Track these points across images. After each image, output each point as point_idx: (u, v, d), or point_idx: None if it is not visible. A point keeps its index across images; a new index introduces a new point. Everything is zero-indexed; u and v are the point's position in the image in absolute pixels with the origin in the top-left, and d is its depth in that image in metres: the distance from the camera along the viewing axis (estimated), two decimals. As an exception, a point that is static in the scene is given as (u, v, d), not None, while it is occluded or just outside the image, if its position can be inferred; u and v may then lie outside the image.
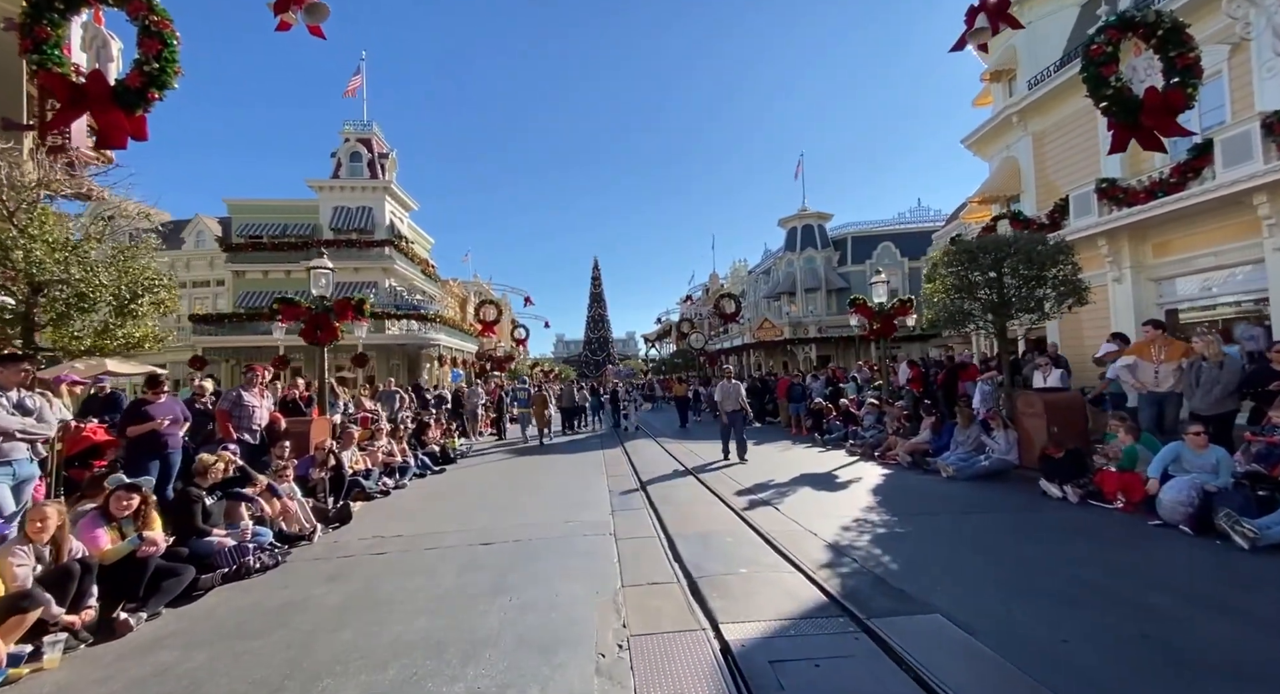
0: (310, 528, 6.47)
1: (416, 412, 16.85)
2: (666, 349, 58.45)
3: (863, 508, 6.89)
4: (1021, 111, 14.09)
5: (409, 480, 10.05)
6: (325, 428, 8.36)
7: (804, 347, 28.94)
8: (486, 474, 10.85)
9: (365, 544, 6.10)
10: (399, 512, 7.71)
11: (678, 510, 7.02)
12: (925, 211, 29.93)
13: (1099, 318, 12.10)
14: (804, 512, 6.67)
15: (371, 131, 26.58)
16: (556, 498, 8.12)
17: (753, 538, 5.66)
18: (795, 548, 5.18)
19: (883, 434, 11.61)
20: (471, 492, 9.00)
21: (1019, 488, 7.76)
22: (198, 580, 4.75)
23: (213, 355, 22.73)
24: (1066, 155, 13.29)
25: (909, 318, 12.96)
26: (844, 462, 10.57)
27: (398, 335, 24.05)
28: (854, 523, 6.14)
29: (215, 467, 5.51)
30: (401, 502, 8.43)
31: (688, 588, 4.38)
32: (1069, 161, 13.21)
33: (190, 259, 26.49)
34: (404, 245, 26.92)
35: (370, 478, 9.05)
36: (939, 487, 8.16)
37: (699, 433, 16.93)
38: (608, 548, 5.56)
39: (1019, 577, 4.44)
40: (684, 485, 8.70)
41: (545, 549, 5.60)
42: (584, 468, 10.94)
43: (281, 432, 7.84)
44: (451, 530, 6.50)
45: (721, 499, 7.44)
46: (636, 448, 13.62)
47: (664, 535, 5.94)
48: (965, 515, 6.52)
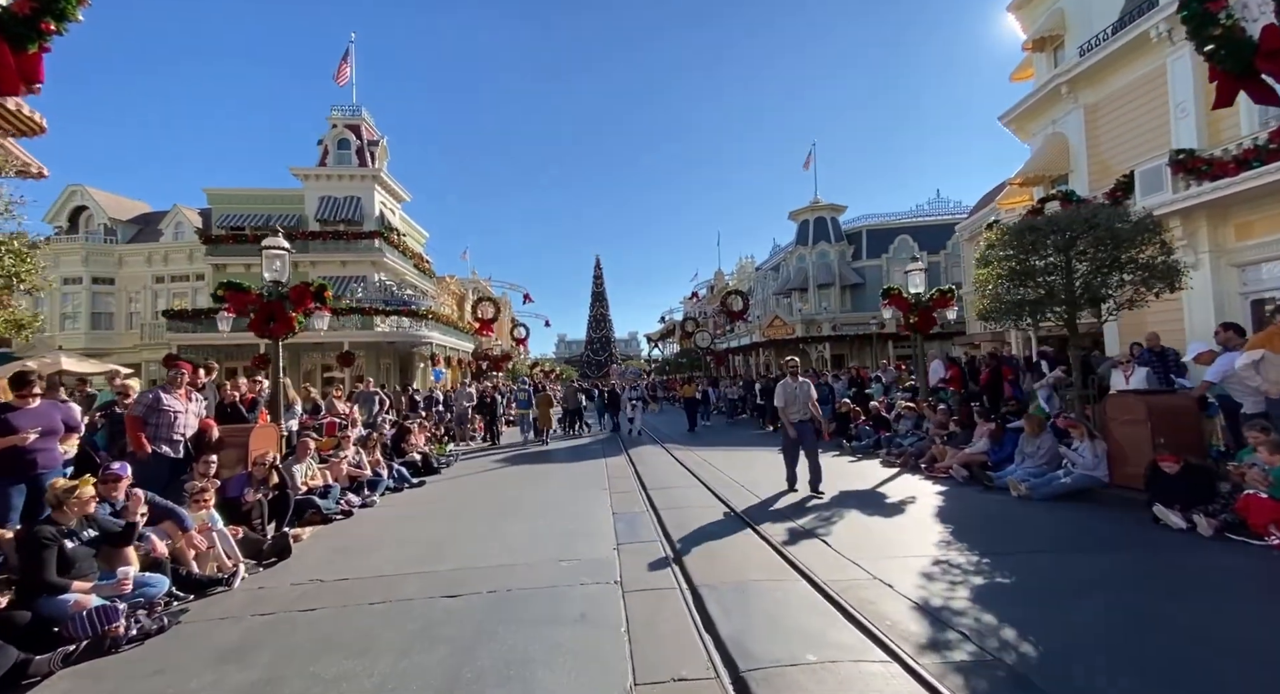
0: (231, 568, 5.05)
1: (404, 414, 15.49)
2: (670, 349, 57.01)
3: (936, 542, 5.44)
4: (1072, 81, 12.63)
5: (380, 496, 8.62)
6: (269, 437, 6.93)
7: (817, 345, 27.47)
8: (470, 489, 9.42)
9: (295, 594, 4.67)
10: (355, 541, 6.27)
11: (699, 544, 5.58)
12: (945, 203, 28.45)
13: (1169, 310, 10.60)
14: (863, 547, 5.22)
15: (361, 117, 25.16)
16: (549, 522, 6.68)
17: (808, 593, 4.21)
18: (874, 613, 3.73)
19: (924, 442, 10.17)
20: (448, 512, 7.56)
21: (1118, 513, 6.31)
22: (25, 665, 3.32)
23: (189, 354, 21.30)
24: (1126, 128, 11.83)
25: (949, 311, 11.51)
26: (884, 475, 9.13)
27: (387, 333, 22.63)
28: (935, 567, 4.69)
29: (79, 495, 4.07)
30: (362, 526, 6.99)
31: (733, 692, 2.94)
32: (1130, 135, 11.75)
33: (168, 252, 25.06)
34: (395, 238, 25.50)
35: (330, 496, 7.62)
36: (1015, 510, 6.71)
37: (709, 437, 15.50)
38: (612, 606, 4.11)
39: (1216, 665, 3.00)
40: (701, 506, 7.25)
41: (529, 607, 4.16)
42: (583, 481, 9.49)
43: (212, 442, 6.42)
44: (412, 572, 5.06)
45: (754, 528, 5.98)
46: (642, 456, 12.18)
47: (686, 583, 4.50)
48: (1072, 555, 5.08)
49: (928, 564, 4.76)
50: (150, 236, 25.81)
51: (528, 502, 8.03)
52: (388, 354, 24.40)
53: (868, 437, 11.92)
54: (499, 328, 38.70)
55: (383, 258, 24.23)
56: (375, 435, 9.97)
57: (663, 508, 7.08)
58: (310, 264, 23.94)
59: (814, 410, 7.85)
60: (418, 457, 11.02)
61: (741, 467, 10.13)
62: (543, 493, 8.61)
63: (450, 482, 10.16)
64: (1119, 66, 11.75)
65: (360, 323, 22.19)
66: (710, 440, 14.87)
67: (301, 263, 23.85)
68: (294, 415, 8.95)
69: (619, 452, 13.01)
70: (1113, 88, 11.99)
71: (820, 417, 8.09)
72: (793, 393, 7.83)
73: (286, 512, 6.44)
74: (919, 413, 11.30)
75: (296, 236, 23.75)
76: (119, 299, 24.94)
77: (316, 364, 24.17)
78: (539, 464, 11.94)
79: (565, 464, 11.73)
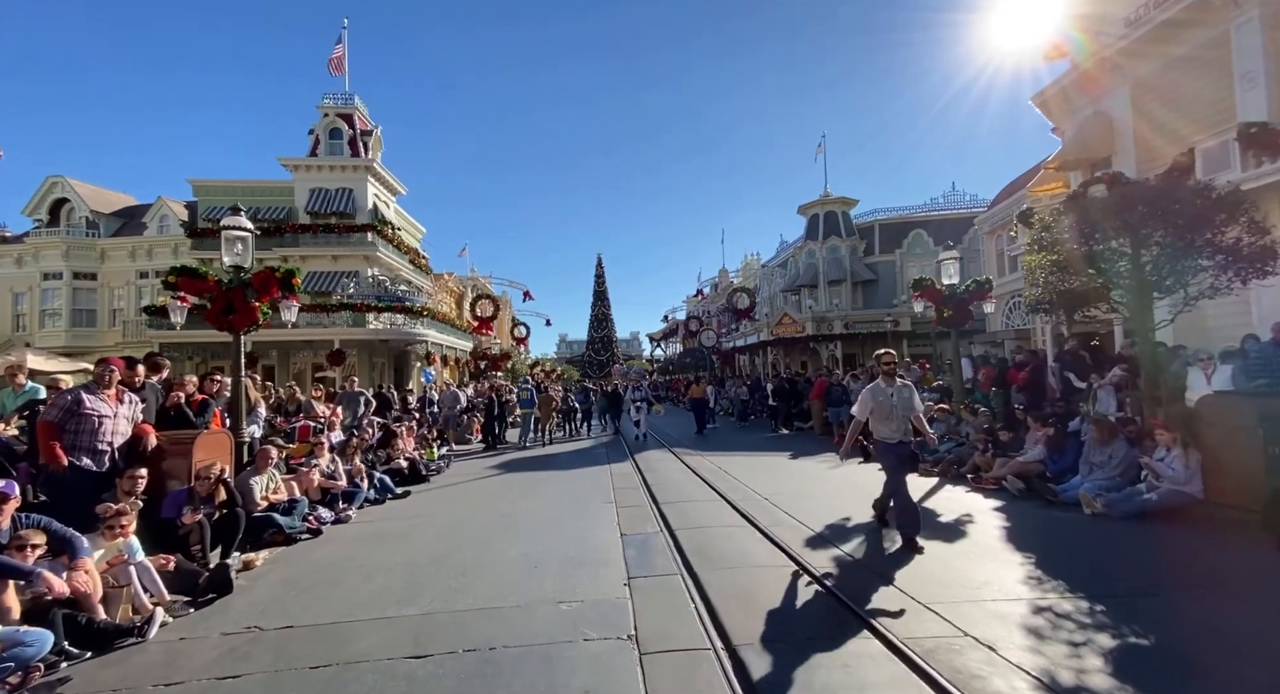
0: (148, 612, 4.05)
1: (396, 417, 14.49)
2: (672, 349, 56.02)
3: (1020, 577, 4.42)
4: (1119, 54, 11.59)
5: (357, 510, 7.64)
6: (219, 445, 5.92)
7: (828, 344, 26.41)
8: (459, 501, 8.41)
9: (222, 650, 3.66)
10: (316, 570, 5.27)
11: (728, 576, 4.57)
12: (961, 196, 27.36)
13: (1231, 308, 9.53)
14: (933, 584, 4.21)
15: (354, 106, 24.15)
16: (546, 545, 5.67)
17: (884, 659, 3.18)
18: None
19: (964, 448, 9.16)
20: (431, 532, 6.55)
21: (1224, 537, 5.31)
22: None
23: (172, 353, 20.33)
24: (1182, 103, 10.80)
25: (987, 303, 10.49)
26: (924, 485, 8.11)
27: (380, 330, 21.64)
28: (1036, 616, 3.67)
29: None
30: (330, 548, 5.99)
31: None
32: (1186, 110, 10.72)
33: (152, 246, 24.04)
34: (389, 232, 24.49)
35: (295, 512, 6.64)
36: (1094, 531, 5.71)
37: (719, 441, 14.48)
38: (626, 677, 3.11)
39: None
40: (723, 525, 6.25)
41: (516, 677, 3.15)
42: (585, 493, 8.48)
43: (147, 452, 5.42)
44: (375, 617, 4.06)
45: (795, 558, 4.96)
46: (649, 462, 11.17)
47: (719, 638, 3.49)
48: (1197, 595, 4.06)
49: (1025, 612, 3.74)
50: (134, 230, 24.81)
51: (523, 518, 7.03)
52: (381, 353, 23.41)
53: (896, 441, 10.92)
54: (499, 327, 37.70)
55: (376, 252, 23.25)
56: (355, 441, 8.97)
57: (679, 528, 6.06)
58: (300, 258, 22.97)
59: (920, 427, 5.55)
60: (404, 463, 10.03)
61: (762, 476, 9.13)
62: (540, 507, 7.61)
63: (438, 492, 9.16)
64: (1174, 36, 10.71)
65: (352, 320, 21.22)
66: (721, 444, 13.86)
67: (291, 257, 22.91)
68: (256, 419, 7.94)
69: (624, 457, 12.01)
70: (1167, 59, 10.95)
71: (931, 435, 6.33)
72: (887, 401, 5.37)
73: (236, 534, 5.44)
74: (953, 416, 10.31)
75: (286, 230, 22.89)
76: (101, 295, 23.97)
77: (307, 363, 23.21)
78: (537, 471, 10.94)
79: (566, 472, 10.72)
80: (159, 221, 24.43)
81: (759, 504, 7.05)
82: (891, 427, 5.41)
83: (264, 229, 22.78)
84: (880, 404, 5.41)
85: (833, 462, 10.74)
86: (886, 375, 5.48)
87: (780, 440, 14.34)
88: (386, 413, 14.21)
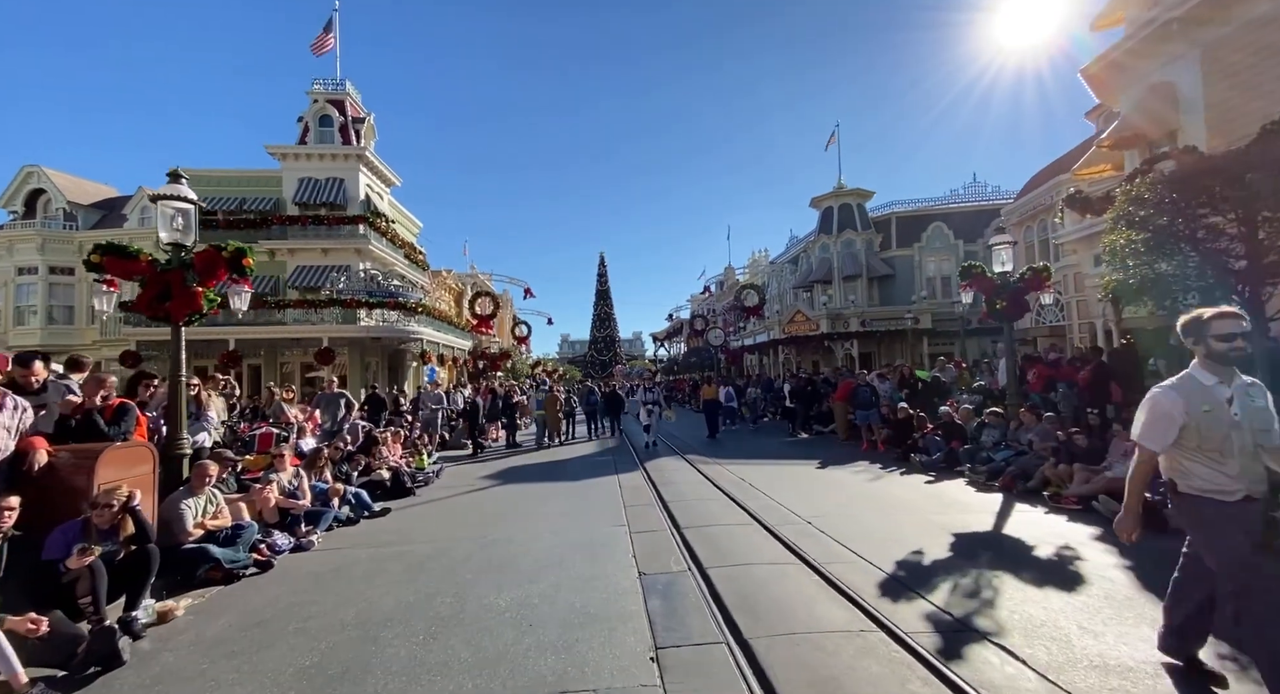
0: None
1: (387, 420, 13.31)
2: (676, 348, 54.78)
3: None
4: (1185, 18, 10.36)
5: (322, 533, 6.45)
6: (132, 461, 4.70)
7: (843, 342, 25.16)
8: (442, 524, 7.18)
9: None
10: (249, 622, 4.07)
11: (796, 657, 3.34)
12: (983, 187, 26.06)
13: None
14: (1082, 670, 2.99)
15: (345, 92, 22.93)
16: (545, 591, 4.45)
17: None
18: None
19: (1028, 459, 7.95)
20: (403, 567, 5.33)
21: None
22: None
23: (150, 351, 19.19)
24: (1265, 67, 9.56)
25: (1046, 294, 9.27)
26: (990, 504, 6.92)
27: (372, 327, 20.44)
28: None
29: None
30: (276, 589, 4.80)
31: None
32: (1270, 76, 9.48)
33: (133, 239, 22.74)
34: (383, 224, 23.27)
35: (239, 541, 5.44)
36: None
37: (734, 447, 13.26)
38: None
39: None
40: (766, 559, 5.02)
41: None
42: (593, 511, 7.26)
43: (34, 471, 4.21)
44: (299, 717, 2.86)
45: (880, 620, 3.74)
46: (663, 472, 9.97)
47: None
48: None
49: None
50: (114, 222, 23.61)
51: (518, 547, 5.80)
52: (374, 351, 22.20)
53: (938, 449, 9.70)
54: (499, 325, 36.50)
55: (368, 245, 22.03)
56: (326, 452, 7.77)
57: (711, 565, 4.84)
58: (288, 251, 21.81)
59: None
60: (386, 474, 8.83)
61: (793, 490, 7.91)
62: (538, 533, 6.37)
63: (421, 509, 7.95)
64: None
65: (342, 316, 20.02)
66: (737, 451, 12.64)
67: (279, 250, 21.74)
68: (206, 426, 6.72)
69: (633, 466, 10.79)
70: (1246, 18, 9.71)
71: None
72: (1223, 413, 2.68)
73: (146, 578, 4.23)
74: (1011, 421, 9.08)
75: (273, 221, 21.68)
76: (79, 291, 22.77)
77: (297, 362, 22.01)
78: (538, 483, 9.75)
79: (568, 484, 9.50)
80: (139, 213, 23.24)
81: (803, 530, 5.83)
82: (1227, 467, 2.70)
83: (249, 220, 21.68)
84: (1209, 419, 2.69)
85: (868, 471, 9.53)
86: (1216, 359, 2.76)
87: (801, 446, 13.12)
88: (379, 416, 13.06)
